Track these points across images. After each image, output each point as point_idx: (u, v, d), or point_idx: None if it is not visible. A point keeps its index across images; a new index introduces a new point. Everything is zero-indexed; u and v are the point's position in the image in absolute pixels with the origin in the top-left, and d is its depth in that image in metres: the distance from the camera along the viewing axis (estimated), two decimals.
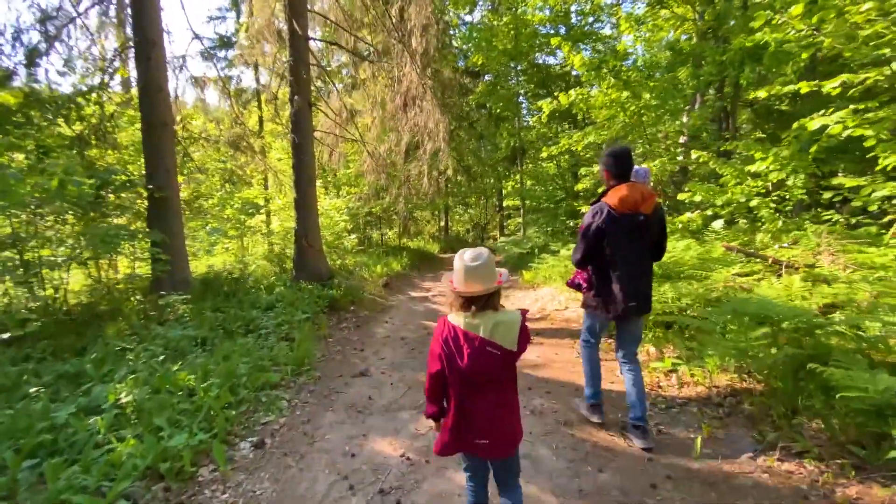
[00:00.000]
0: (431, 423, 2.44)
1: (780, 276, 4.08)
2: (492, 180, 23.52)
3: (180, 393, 3.38)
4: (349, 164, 12.64)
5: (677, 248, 5.17)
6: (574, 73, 17.15)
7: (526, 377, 3.92)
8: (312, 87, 8.14)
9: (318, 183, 12.65)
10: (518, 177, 15.65)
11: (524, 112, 16.86)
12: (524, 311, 1.74)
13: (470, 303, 1.68)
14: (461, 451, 1.78)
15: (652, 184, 4.24)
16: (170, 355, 4.17)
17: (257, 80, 14.65)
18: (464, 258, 1.71)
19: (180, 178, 9.40)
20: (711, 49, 8.16)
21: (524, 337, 1.70)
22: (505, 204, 25.57)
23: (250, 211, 10.17)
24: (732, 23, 8.28)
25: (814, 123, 4.33)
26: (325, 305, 6.74)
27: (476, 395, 1.70)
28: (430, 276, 10.95)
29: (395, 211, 12.20)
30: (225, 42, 14.66)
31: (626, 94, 7.78)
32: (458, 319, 1.69)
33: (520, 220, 25.97)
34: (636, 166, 3.12)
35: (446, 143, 8.48)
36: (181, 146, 7.88)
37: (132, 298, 6.16)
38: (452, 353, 1.68)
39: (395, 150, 9.63)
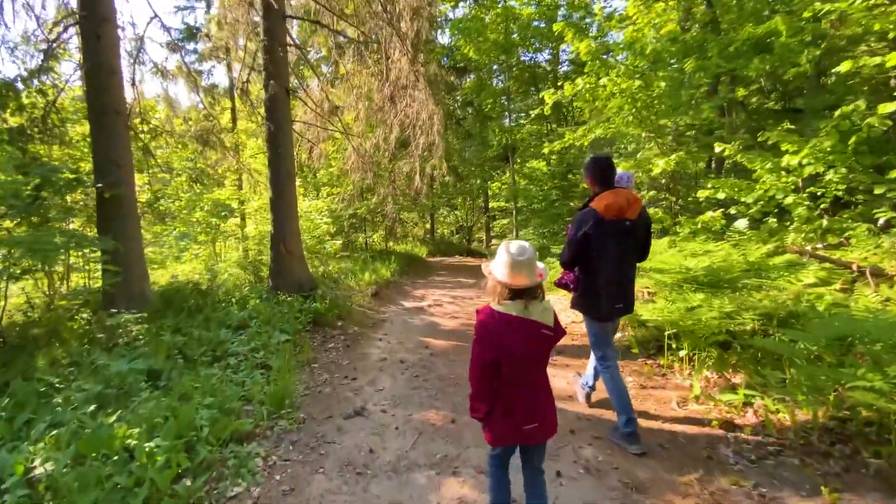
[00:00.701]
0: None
1: (855, 284, 3.44)
2: (478, 181, 22.91)
3: (116, 458, 2.50)
4: (331, 163, 11.74)
5: (718, 253, 4.50)
6: (563, 68, 16.68)
7: (563, 413, 3.16)
8: (291, 74, 7.25)
9: (298, 182, 11.74)
10: (509, 176, 14.98)
11: (513, 110, 16.22)
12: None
13: (518, 294, 1.73)
14: (515, 439, 1.83)
15: (635, 188, 3.98)
16: (111, 397, 3.26)
17: (230, 77, 13.64)
18: (510, 251, 1.75)
19: (142, 178, 8.38)
20: (717, 40, 7.62)
21: (558, 321, 1.83)
22: (491, 206, 24.94)
23: (223, 214, 9.18)
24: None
25: (886, 108, 3.73)
26: (307, 321, 5.87)
27: (522, 381, 1.77)
28: (422, 284, 10.13)
29: (382, 212, 11.33)
30: (193, 33, 13.55)
31: (637, 83, 7.14)
32: (509, 308, 1.73)
33: (506, 221, 25.47)
34: (620, 171, 3.08)
35: (441, 136, 7.72)
36: (140, 141, 6.89)
37: (77, 318, 5.18)
38: (508, 340, 1.72)
39: (383, 147, 8.79)
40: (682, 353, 3.77)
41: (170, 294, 6.11)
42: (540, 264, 1.80)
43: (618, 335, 4.95)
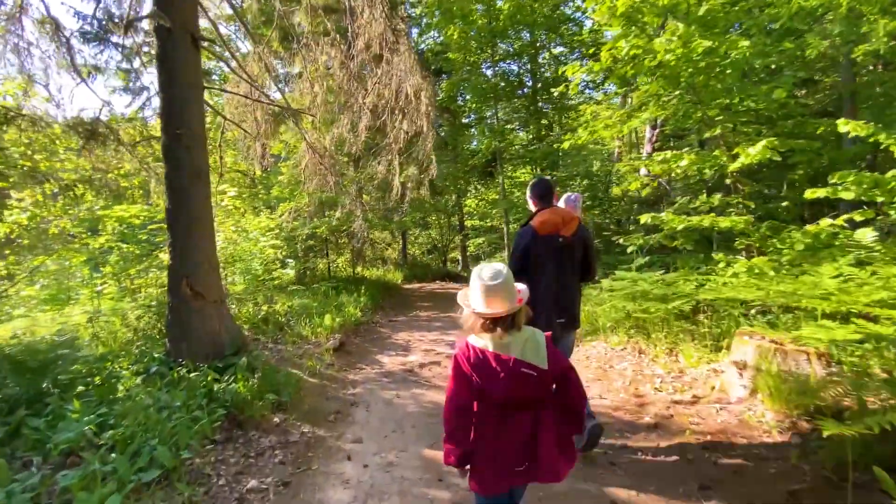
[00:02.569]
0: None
1: None
2: (454, 197, 20.78)
3: None
4: (281, 171, 9.21)
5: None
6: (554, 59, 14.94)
7: None
8: (202, 16, 4.82)
9: (243, 198, 9.14)
10: (492, 189, 12.83)
11: (500, 119, 14.22)
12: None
13: (495, 324, 1.58)
14: (501, 485, 1.64)
15: (581, 210, 3.54)
16: None
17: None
18: (482, 276, 1.59)
19: None
20: None
21: (555, 354, 1.64)
22: (466, 224, 22.83)
23: (135, 237, 6.47)
24: None
25: None
26: (218, 419, 3.33)
27: (509, 421, 1.62)
28: (403, 323, 7.67)
29: (349, 232, 8.85)
30: None
31: (703, 44, 5.14)
32: (482, 341, 1.62)
33: (481, 240, 23.38)
34: (569, 193, 3.31)
35: (430, 122, 5.44)
36: None
37: None
38: (483, 379, 1.59)
39: (350, 141, 6.40)
40: None
41: None
42: (520, 286, 1.65)
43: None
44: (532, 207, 2.95)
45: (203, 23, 5.06)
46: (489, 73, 13.01)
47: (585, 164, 12.67)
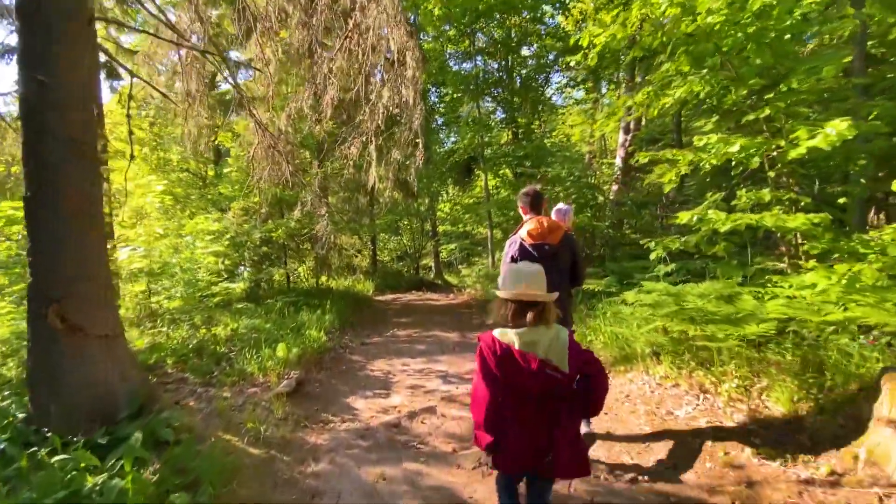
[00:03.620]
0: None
1: None
2: (427, 200, 19.55)
3: None
4: (228, 163, 7.68)
5: None
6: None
7: None
8: None
9: (189, 198, 7.45)
10: (483, 181, 11.68)
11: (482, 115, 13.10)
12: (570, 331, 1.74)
13: (525, 310, 1.60)
14: (521, 465, 1.69)
15: (571, 220, 3.56)
16: None
17: None
18: (519, 265, 1.74)
19: None
20: None
21: (577, 351, 1.64)
22: (440, 229, 21.68)
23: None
24: None
25: None
26: None
27: (530, 410, 1.63)
28: (380, 346, 6.30)
29: (311, 235, 7.42)
30: None
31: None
32: (509, 337, 1.61)
33: (454, 246, 22.24)
34: (561, 205, 3.47)
35: (418, 90, 4.16)
36: None
37: None
38: (510, 376, 1.60)
39: (310, 118, 5.02)
40: None
41: None
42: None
43: None
44: (523, 214, 3.12)
45: None
46: (468, 66, 11.90)
47: (572, 164, 11.75)
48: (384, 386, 4.53)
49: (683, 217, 4.36)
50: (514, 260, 2.88)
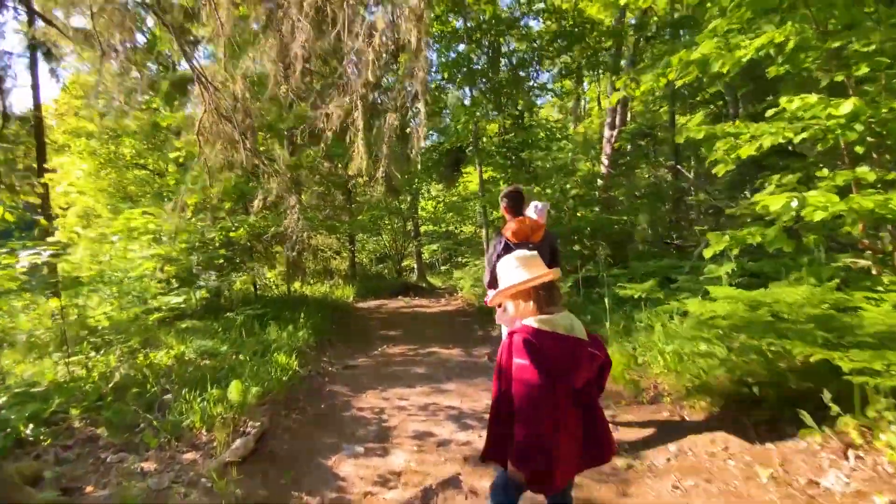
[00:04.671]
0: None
1: None
2: (409, 198, 18.38)
3: None
4: (175, 144, 6.30)
5: None
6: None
7: None
8: None
9: (75, 174, 5.85)
10: (477, 172, 10.55)
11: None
12: None
13: (550, 294, 1.54)
14: (570, 475, 1.60)
15: (546, 216, 3.62)
16: None
17: None
18: (513, 255, 1.61)
19: None
20: None
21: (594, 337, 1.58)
22: (422, 229, 20.50)
23: None
24: None
25: None
26: None
27: (573, 407, 1.52)
28: (367, 371, 5.07)
29: (278, 235, 6.10)
30: None
31: None
32: (554, 324, 1.50)
33: (436, 246, 21.13)
34: (536, 202, 3.54)
35: (423, 29, 2.98)
36: None
37: None
38: (564, 365, 1.47)
39: (277, 86, 3.77)
40: None
41: None
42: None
43: None
44: (505, 214, 3.34)
45: None
46: (461, 47, 10.73)
47: (567, 155, 10.74)
48: (379, 435, 3.32)
49: (773, 201, 3.32)
50: (499, 258, 2.95)
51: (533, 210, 3.45)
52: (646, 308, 4.54)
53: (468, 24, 10.22)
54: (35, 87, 8.67)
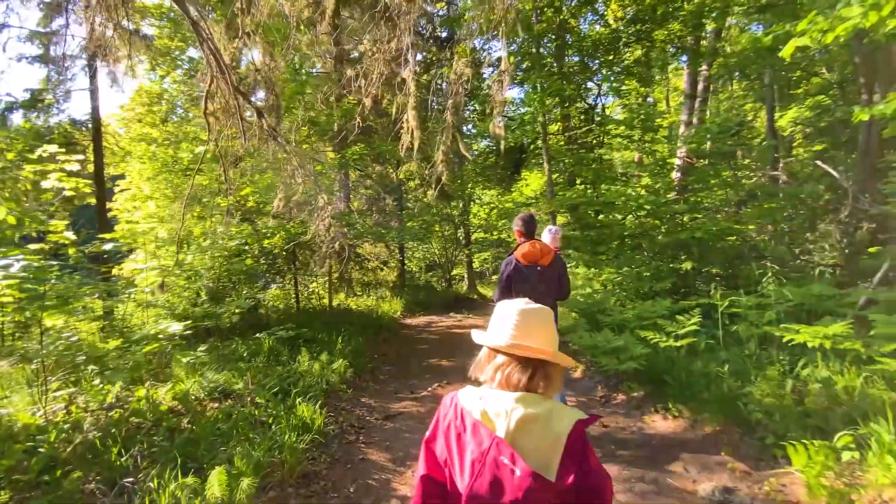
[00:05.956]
0: None
1: None
2: (460, 204, 17.26)
3: None
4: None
5: None
6: None
7: None
8: None
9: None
10: (546, 171, 9.21)
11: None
12: (591, 418, 0.97)
13: (517, 369, 0.99)
14: None
15: (560, 240, 3.91)
16: None
17: None
18: (516, 303, 1.08)
19: None
20: None
21: (585, 458, 0.92)
22: (474, 237, 19.29)
23: None
24: None
25: None
26: None
27: None
28: (412, 414, 3.92)
29: (315, 242, 5.12)
30: None
31: None
32: (482, 400, 1.00)
33: (487, 254, 19.90)
34: (551, 226, 3.87)
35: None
36: None
37: None
38: (451, 461, 0.99)
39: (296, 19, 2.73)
40: None
41: None
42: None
43: None
44: (518, 238, 3.45)
45: None
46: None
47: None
48: None
49: None
50: (509, 278, 3.28)
51: (547, 234, 3.71)
52: (830, 361, 3.05)
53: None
54: (94, 91, 8.38)
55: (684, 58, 9.90)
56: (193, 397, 3.73)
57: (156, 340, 3.52)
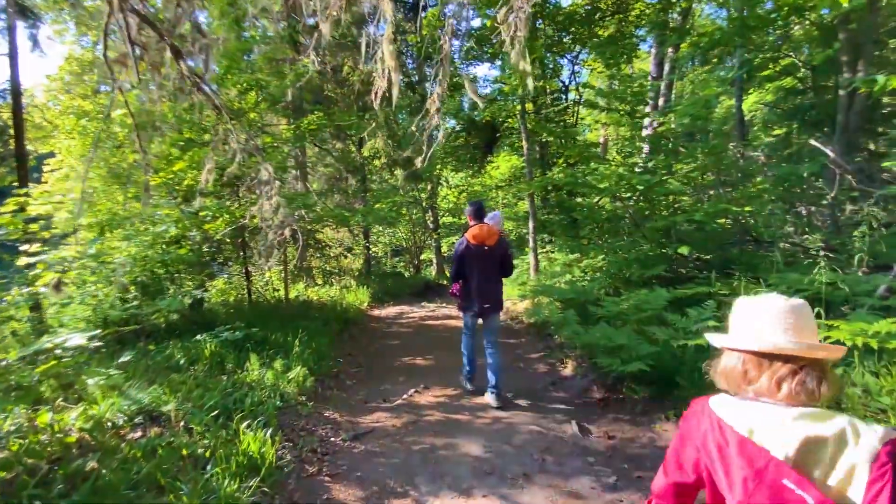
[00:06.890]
0: None
1: None
2: (428, 186, 16.58)
3: None
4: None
5: None
6: None
7: None
8: None
9: None
10: (525, 148, 8.64)
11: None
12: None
13: (816, 375, 0.84)
14: None
15: (502, 224, 4.57)
16: None
17: None
18: (775, 301, 0.91)
19: None
20: None
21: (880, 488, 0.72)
22: (442, 221, 18.68)
23: None
24: None
25: None
26: None
27: None
28: (387, 432, 3.31)
29: (259, 226, 4.30)
30: None
31: None
32: (731, 410, 0.87)
33: (455, 239, 19.33)
34: (492, 212, 4.35)
35: None
36: None
37: None
38: (718, 472, 0.85)
39: None
40: None
41: None
42: None
43: None
44: (469, 221, 3.94)
45: None
46: None
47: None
48: None
49: None
50: (461, 256, 3.83)
51: (490, 219, 4.03)
52: (882, 362, 2.66)
53: None
54: (13, 56, 6.92)
55: (649, 41, 9.60)
56: (109, 424, 2.95)
57: (53, 357, 2.69)
